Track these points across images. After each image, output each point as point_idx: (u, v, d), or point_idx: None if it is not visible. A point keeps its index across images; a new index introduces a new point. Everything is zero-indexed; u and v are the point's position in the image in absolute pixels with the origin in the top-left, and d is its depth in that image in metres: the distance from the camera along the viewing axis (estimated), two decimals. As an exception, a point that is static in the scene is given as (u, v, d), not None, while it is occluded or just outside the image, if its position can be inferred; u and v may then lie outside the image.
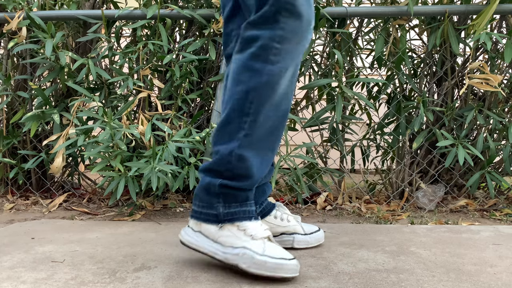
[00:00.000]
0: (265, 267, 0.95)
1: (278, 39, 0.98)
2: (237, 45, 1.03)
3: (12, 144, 1.92)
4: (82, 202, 1.89)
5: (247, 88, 1.00)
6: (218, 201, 1.03)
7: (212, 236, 1.03)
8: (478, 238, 1.31)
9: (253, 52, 0.99)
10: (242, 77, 1.00)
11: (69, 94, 1.90)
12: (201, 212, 1.05)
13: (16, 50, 1.79)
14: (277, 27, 0.97)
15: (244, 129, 1.01)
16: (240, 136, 1.01)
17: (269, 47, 0.98)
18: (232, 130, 1.02)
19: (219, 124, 1.04)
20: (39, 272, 1.03)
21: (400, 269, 1.04)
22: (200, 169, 1.08)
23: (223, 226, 1.02)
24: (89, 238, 1.32)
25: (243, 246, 0.98)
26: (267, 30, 0.98)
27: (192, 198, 1.89)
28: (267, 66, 0.99)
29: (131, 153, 1.65)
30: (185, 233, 1.07)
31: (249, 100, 1.00)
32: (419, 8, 1.75)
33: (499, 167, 1.90)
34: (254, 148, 1.02)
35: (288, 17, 0.97)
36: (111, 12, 1.81)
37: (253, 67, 0.99)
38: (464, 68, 1.87)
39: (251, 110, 1.00)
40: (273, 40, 0.98)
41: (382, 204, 1.84)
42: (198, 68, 1.86)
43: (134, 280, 0.98)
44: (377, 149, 2.07)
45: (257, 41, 0.98)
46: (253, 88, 0.99)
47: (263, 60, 0.99)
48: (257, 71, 0.99)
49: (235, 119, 1.01)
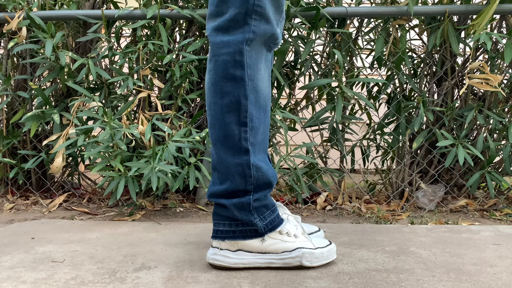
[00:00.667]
0: (323, 257, 1.05)
1: (249, 42, 0.97)
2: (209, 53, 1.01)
3: (12, 144, 1.92)
4: (82, 202, 1.89)
5: (237, 98, 0.98)
6: (254, 216, 1.02)
7: (258, 249, 1.03)
8: (478, 238, 1.31)
9: (229, 61, 0.97)
10: (226, 88, 0.99)
11: (69, 94, 1.90)
12: (236, 231, 1.03)
13: (16, 50, 1.79)
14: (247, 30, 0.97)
15: (247, 140, 1.00)
16: (247, 147, 1.00)
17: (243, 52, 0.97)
18: (235, 144, 1.00)
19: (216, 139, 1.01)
20: (39, 272, 1.03)
21: (400, 269, 1.04)
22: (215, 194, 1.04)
23: (265, 237, 1.03)
24: (89, 238, 1.32)
25: (298, 247, 1.02)
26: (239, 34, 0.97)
27: (191, 198, 1.89)
28: (249, 70, 0.98)
29: (131, 153, 1.65)
30: (223, 257, 1.03)
31: (243, 110, 0.99)
32: (419, 8, 1.75)
33: (499, 167, 1.90)
34: (258, 154, 1.02)
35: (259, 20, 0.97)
36: (111, 12, 1.81)
37: (235, 75, 0.98)
38: (464, 68, 1.87)
39: (247, 119, 0.99)
40: (245, 44, 0.97)
41: (382, 204, 1.84)
42: (198, 68, 1.86)
43: (134, 280, 0.98)
44: (377, 149, 2.07)
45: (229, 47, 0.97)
46: (244, 96, 0.98)
47: (242, 66, 0.98)
48: (240, 79, 0.98)
49: (234, 133, 1.00)
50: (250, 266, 1.03)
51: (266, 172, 1.03)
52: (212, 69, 1.00)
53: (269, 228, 1.03)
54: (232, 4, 0.96)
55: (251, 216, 1.02)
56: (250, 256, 1.03)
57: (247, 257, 1.03)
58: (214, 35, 0.99)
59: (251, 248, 1.03)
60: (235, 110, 0.99)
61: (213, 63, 0.99)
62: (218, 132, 1.01)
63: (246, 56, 0.98)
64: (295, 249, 1.02)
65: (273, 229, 1.03)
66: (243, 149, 1.00)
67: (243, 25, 0.96)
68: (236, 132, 0.99)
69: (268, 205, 1.04)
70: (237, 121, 0.99)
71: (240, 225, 1.03)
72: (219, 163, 1.02)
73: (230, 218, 1.03)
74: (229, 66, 0.98)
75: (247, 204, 1.02)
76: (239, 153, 1.00)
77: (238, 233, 1.03)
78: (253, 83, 0.99)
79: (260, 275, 1.00)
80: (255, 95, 1.00)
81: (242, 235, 1.03)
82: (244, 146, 1.00)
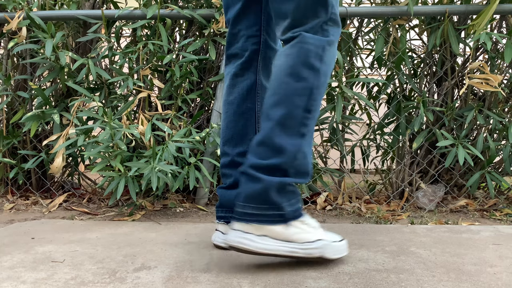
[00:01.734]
0: (341, 250, 1.07)
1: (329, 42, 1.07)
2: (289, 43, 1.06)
3: (12, 144, 1.92)
4: (82, 202, 1.89)
5: (311, 86, 1.04)
6: (283, 200, 1.02)
7: (283, 237, 1.02)
8: (478, 238, 1.31)
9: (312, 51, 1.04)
10: (303, 74, 1.04)
11: (69, 94, 1.90)
12: (264, 215, 1.02)
13: (16, 50, 1.80)
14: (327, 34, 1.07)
15: (307, 126, 1.05)
16: (305, 132, 1.05)
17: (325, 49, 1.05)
18: (295, 126, 1.03)
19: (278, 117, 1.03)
20: (39, 272, 1.03)
21: (400, 269, 1.04)
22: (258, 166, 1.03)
23: (289, 224, 1.03)
24: (89, 238, 1.32)
25: (319, 238, 1.04)
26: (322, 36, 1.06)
27: (191, 198, 1.89)
28: (324, 66, 1.05)
29: (131, 153, 1.65)
30: (249, 241, 1.02)
31: (313, 98, 1.04)
32: (419, 8, 1.75)
33: (499, 167, 1.90)
34: (309, 145, 1.06)
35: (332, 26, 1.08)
36: (111, 12, 1.81)
37: (314, 65, 1.04)
38: (464, 68, 1.87)
39: (313, 107, 1.05)
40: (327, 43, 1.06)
41: (382, 204, 1.84)
42: (198, 68, 1.86)
43: (134, 280, 0.98)
44: (377, 149, 2.07)
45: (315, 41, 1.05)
46: (316, 86, 1.05)
47: (321, 60, 1.05)
48: (317, 70, 1.05)
49: (298, 115, 1.03)
50: (273, 253, 1.02)
51: (308, 162, 1.07)
52: (294, 53, 1.05)
53: (294, 216, 1.04)
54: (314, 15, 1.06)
55: (282, 198, 1.02)
56: (274, 243, 1.02)
57: (271, 243, 1.02)
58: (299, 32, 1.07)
59: (276, 235, 1.02)
60: (306, 96, 1.04)
61: (297, 48, 1.05)
62: (283, 111, 1.04)
63: (326, 54, 1.06)
64: (317, 240, 1.04)
65: (297, 218, 1.04)
66: (301, 133, 1.04)
67: (323, 30, 1.07)
68: (300, 116, 1.04)
69: (296, 192, 1.06)
70: (304, 106, 1.04)
71: (269, 209, 1.02)
72: (271, 138, 1.04)
73: (260, 200, 1.02)
74: (311, 55, 1.04)
75: (283, 185, 1.02)
76: (297, 135, 1.04)
77: (265, 217, 1.02)
78: (325, 78, 1.07)
79: (260, 275, 1.00)
80: (322, 91, 1.07)
81: (269, 220, 1.02)
82: (302, 131, 1.04)
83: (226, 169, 1.22)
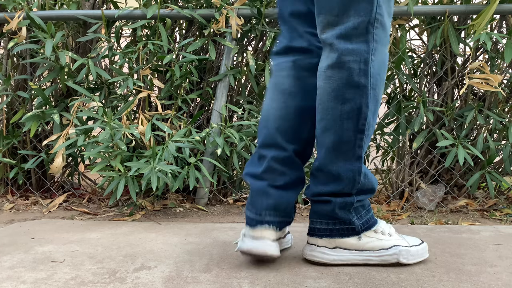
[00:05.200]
0: (418, 255, 1.06)
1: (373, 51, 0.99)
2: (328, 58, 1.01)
3: (12, 144, 1.92)
4: (82, 202, 1.89)
5: (359, 106, 0.99)
6: (353, 215, 1.05)
7: (355, 247, 1.05)
8: (478, 238, 1.31)
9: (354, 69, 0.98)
10: (348, 95, 0.99)
11: (69, 94, 1.90)
12: (333, 229, 1.05)
13: (16, 50, 1.79)
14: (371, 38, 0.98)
15: (361, 147, 1.03)
16: (360, 154, 1.03)
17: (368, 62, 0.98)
18: (349, 150, 1.02)
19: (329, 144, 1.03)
20: (39, 272, 1.03)
21: (400, 269, 1.04)
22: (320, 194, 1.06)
23: (361, 236, 1.05)
24: (89, 238, 1.32)
25: (394, 245, 1.05)
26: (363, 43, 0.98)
27: (193, 198, 1.89)
28: (371, 79, 0.99)
29: (131, 153, 1.65)
30: (321, 253, 1.06)
31: (363, 117, 1.00)
32: (419, 8, 1.75)
33: (499, 167, 1.90)
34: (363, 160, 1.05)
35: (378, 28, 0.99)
36: (111, 12, 1.81)
37: (359, 83, 0.99)
38: (464, 68, 1.87)
39: (365, 126, 1.01)
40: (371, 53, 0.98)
41: (382, 204, 1.84)
42: (198, 68, 1.86)
43: (134, 280, 0.98)
44: (377, 149, 2.07)
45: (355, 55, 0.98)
46: (365, 103, 1.00)
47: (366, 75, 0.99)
48: (364, 86, 0.99)
49: (350, 139, 1.01)
50: (347, 262, 1.06)
51: (371, 179, 1.07)
52: (335, 76, 1.00)
53: (366, 227, 1.05)
54: (355, 13, 0.97)
55: (349, 214, 1.05)
56: (347, 253, 1.05)
57: (345, 254, 1.05)
58: (337, 43, 1.00)
59: (348, 246, 1.05)
60: (355, 117, 1.00)
61: (337, 70, 1.00)
62: (333, 137, 1.02)
63: (371, 66, 0.99)
64: (392, 246, 1.05)
65: (369, 228, 1.06)
66: (356, 155, 1.02)
67: (365, 33, 0.98)
68: (353, 139, 1.01)
69: (364, 205, 1.07)
70: (355, 128, 1.01)
71: (338, 224, 1.05)
72: (326, 166, 1.04)
73: (328, 217, 1.05)
74: (354, 74, 0.99)
75: (350, 204, 1.04)
76: (352, 159, 1.03)
77: (336, 231, 1.05)
78: (374, 91, 1.01)
79: (260, 275, 1.00)
80: (375, 104, 1.02)
81: (340, 233, 1.05)
82: (358, 153, 1.02)
83: (281, 166, 1.08)
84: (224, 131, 1.72)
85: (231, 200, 1.89)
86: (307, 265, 1.07)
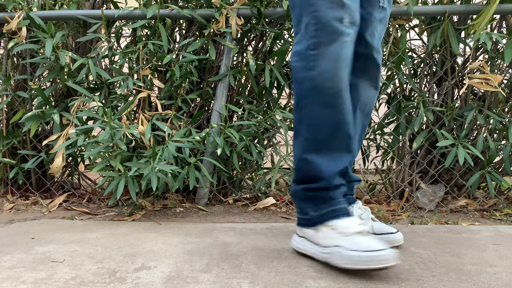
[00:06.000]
0: (353, 261, 0.98)
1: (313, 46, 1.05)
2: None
3: (12, 144, 1.92)
4: (82, 202, 1.89)
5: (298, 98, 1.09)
6: (308, 205, 1.09)
7: (312, 239, 1.09)
8: (478, 238, 1.31)
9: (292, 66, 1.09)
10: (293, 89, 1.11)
11: (69, 94, 1.90)
12: (300, 218, 1.12)
13: (16, 50, 1.79)
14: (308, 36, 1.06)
15: (302, 135, 1.09)
16: (302, 141, 1.09)
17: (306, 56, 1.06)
18: (297, 138, 1.11)
19: None
20: (39, 272, 1.03)
21: (400, 269, 1.04)
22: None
23: (317, 228, 1.07)
24: (89, 238, 1.32)
25: (336, 244, 1.03)
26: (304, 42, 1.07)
27: (193, 198, 1.89)
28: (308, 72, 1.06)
29: (131, 153, 1.65)
30: (294, 240, 1.15)
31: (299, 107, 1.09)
32: (419, 8, 1.75)
33: (499, 167, 1.90)
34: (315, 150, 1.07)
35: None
36: (111, 12, 1.81)
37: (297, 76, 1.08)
38: (464, 68, 1.87)
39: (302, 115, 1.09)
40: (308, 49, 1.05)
41: (382, 204, 1.84)
42: (198, 68, 1.86)
43: (134, 280, 0.98)
44: (377, 149, 2.07)
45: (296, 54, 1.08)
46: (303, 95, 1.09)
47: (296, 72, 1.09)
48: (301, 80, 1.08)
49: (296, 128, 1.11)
50: (304, 253, 1.11)
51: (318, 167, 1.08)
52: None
53: (320, 220, 1.07)
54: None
55: (304, 204, 1.10)
56: (307, 244, 1.10)
57: (306, 244, 1.11)
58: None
59: (309, 237, 1.10)
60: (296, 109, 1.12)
61: None
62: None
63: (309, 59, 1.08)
64: (333, 246, 1.03)
65: (323, 222, 1.06)
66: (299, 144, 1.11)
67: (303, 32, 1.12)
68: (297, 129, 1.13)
69: (326, 199, 1.08)
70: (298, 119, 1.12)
71: (301, 214, 1.12)
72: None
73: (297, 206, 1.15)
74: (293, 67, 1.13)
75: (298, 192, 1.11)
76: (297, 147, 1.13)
77: (300, 220, 1.13)
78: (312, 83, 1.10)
79: (260, 275, 1.00)
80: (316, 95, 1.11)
81: (302, 223, 1.12)
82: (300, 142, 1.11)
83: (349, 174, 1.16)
84: (224, 131, 1.72)
85: (231, 200, 1.89)
86: (307, 265, 1.07)
